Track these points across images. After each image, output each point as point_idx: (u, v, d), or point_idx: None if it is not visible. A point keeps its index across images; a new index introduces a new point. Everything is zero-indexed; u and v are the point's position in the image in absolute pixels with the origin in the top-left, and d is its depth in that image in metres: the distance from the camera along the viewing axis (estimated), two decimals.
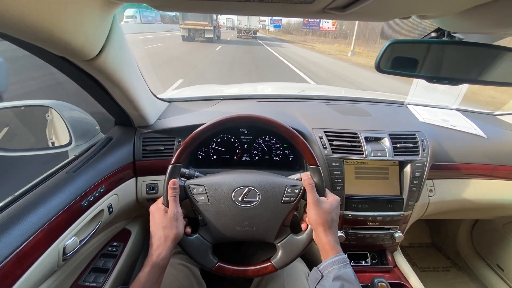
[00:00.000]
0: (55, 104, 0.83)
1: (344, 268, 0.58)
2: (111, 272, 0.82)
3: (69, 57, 0.52)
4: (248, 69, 8.54)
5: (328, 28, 33.17)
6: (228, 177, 0.69)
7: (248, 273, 0.68)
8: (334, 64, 12.74)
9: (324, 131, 0.94)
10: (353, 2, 0.38)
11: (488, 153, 1.05)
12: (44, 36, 0.39)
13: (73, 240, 0.63)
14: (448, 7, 0.44)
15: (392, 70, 0.66)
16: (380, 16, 0.50)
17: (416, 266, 1.52)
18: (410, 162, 0.93)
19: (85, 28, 0.45)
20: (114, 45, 0.58)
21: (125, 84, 0.69)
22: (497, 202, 1.10)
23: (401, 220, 0.95)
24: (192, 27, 14.24)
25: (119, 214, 0.86)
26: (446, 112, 1.24)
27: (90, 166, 0.74)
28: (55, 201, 0.61)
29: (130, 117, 0.87)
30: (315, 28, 36.08)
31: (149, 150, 0.90)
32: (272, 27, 40.00)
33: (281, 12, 0.46)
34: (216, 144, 0.99)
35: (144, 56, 9.00)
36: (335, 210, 0.65)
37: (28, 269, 0.52)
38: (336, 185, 0.90)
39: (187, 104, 1.13)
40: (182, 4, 0.43)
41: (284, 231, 0.69)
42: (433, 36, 0.65)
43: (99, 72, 0.60)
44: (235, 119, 0.69)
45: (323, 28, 33.50)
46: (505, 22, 0.45)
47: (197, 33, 14.58)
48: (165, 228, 0.61)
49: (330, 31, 37.98)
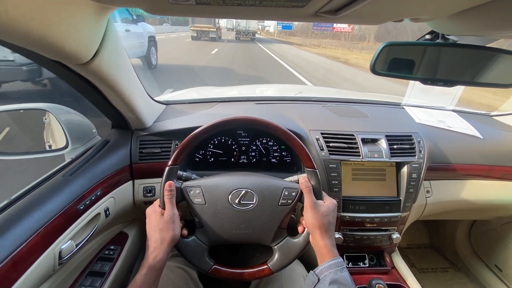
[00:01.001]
0: (51, 107, 0.83)
1: (341, 272, 0.58)
2: (108, 275, 0.82)
3: (63, 61, 0.52)
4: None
5: (343, 29, 26.96)
6: (225, 179, 0.69)
7: (244, 276, 0.68)
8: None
9: (321, 133, 0.94)
10: (345, 5, 0.38)
11: (485, 154, 1.06)
12: (36, 41, 0.39)
13: (69, 244, 0.63)
14: (440, 10, 0.45)
15: (387, 72, 0.67)
16: (372, 19, 0.51)
17: (414, 267, 1.52)
18: (407, 163, 0.93)
19: (78, 32, 0.45)
20: (108, 48, 0.58)
21: (121, 87, 0.69)
22: (494, 203, 1.10)
23: (398, 221, 0.95)
24: (200, 29, 17.70)
25: (116, 217, 0.85)
26: (443, 113, 1.25)
27: (86, 170, 0.74)
28: (51, 204, 0.61)
29: (127, 120, 0.87)
30: (327, 29, 30.02)
31: (146, 153, 0.90)
32: (280, 28, 34.32)
33: (274, 16, 0.47)
34: (214, 146, 0.99)
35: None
36: (332, 214, 0.65)
37: (24, 273, 0.51)
38: (333, 187, 0.90)
39: (185, 106, 1.13)
40: (174, 9, 0.43)
41: (281, 233, 0.69)
42: (428, 39, 0.66)
43: (94, 75, 0.60)
44: (232, 121, 0.69)
45: (338, 29, 27.13)
46: (496, 24, 0.45)
47: (203, 34, 18.05)
48: (161, 230, 0.61)
49: (345, 32, 30.44)
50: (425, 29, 0.64)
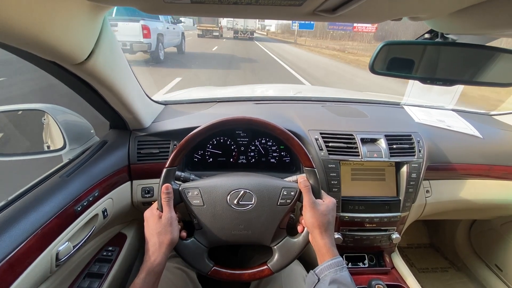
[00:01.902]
0: (49, 108, 0.82)
1: (341, 271, 0.57)
2: (106, 277, 0.81)
3: (58, 61, 0.52)
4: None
5: (366, 28, 19.92)
6: (223, 180, 0.68)
7: (244, 277, 0.68)
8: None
9: (320, 133, 0.93)
10: (343, 4, 0.38)
11: (484, 153, 1.05)
12: (31, 41, 0.39)
13: (67, 246, 0.62)
14: (439, 8, 0.44)
15: (386, 72, 0.66)
16: (371, 18, 0.50)
17: (414, 267, 1.51)
18: (407, 163, 0.93)
19: (73, 32, 0.45)
20: (104, 48, 0.57)
21: (118, 87, 0.69)
22: (494, 202, 1.10)
23: (398, 221, 0.95)
24: (205, 28, 20.91)
25: (114, 218, 0.85)
26: (442, 112, 1.25)
27: (84, 170, 0.74)
28: (48, 206, 0.60)
29: (125, 120, 0.87)
30: (346, 29, 23.37)
31: (144, 154, 0.90)
32: (297, 27, 26.24)
33: (271, 15, 0.46)
34: (212, 146, 0.99)
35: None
36: (331, 212, 0.65)
37: (20, 276, 0.51)
38: (332, 187, 0.90)
39: (183, 106, 1.13)
40: (169, 7, 0.43)
41: (280, 233, 0.69)
42: (427, 38, 0.65)
43: (90, 75, 0.59)
44: (231, 121, 0.68)
45: (359, 29, 20.42)
46: (496, 23, 0.45)
47: (208, 32, 21.14)
48: (159, 234, 0.60)
49: (368, 32, 21.98)
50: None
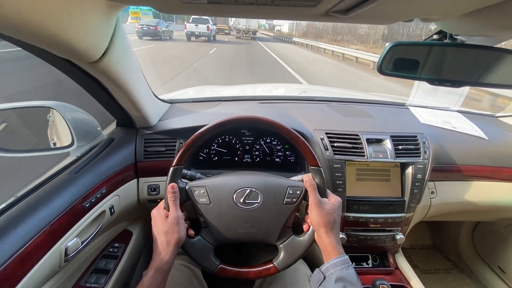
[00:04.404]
0: (57, 105, 0.83)
1: (347, 269, 0.57)
2: (113, 273, 0.82)
3: (73, 59, 0.53)
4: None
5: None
6: (230, 179, 0.69)
7: (250, 275, 0.68)
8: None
9: (326, 133, 0.94)
10: (356, 5, 0.38)
11: (490, 155, 1.05)
12: (49, 39, 0.40)
13: (75, 241, 0.63)
14: (451, 10, 0.44)
15: (394, 72, 0.66)
16: (383, 19, 0.50)
17: (417, 268, 1.51)
18: (412, 164, 0.93)
19: (89, 31, 0.46)
20: (117, 47, 0.58)
21: (128, 86, 0.69)
22: (499, 204, 1.10)
23: (402, 222, 0.95)
24: (219, 27, 26.26)
25: (120, 215, 0.86)
26: (448, 113, 1.24)
27: (92, 167, 0.74)
28: (57, 202, 0.61)
29: (132, 118, 0.87)
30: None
31: (150, 151, 0.90)
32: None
33: (285, 15, 0.47)
34: (218, 145, 0.99)
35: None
36: (337, 211, 0.65)
37: (30, 270, 0.52)
38: (337, 187, 0.90)
39: (189, 105, 1.13)
40: (186, 7, 0.43)
41: (286, 232, 0.69)
42: (435, 39, 0.65)
43: (103, 74, 0.60)
44: (236, 120, 0.69)
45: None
46: (508, 25, 0.45)
47: (220, 30, 26.81)
48: (166, 233, 0.61)
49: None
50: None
